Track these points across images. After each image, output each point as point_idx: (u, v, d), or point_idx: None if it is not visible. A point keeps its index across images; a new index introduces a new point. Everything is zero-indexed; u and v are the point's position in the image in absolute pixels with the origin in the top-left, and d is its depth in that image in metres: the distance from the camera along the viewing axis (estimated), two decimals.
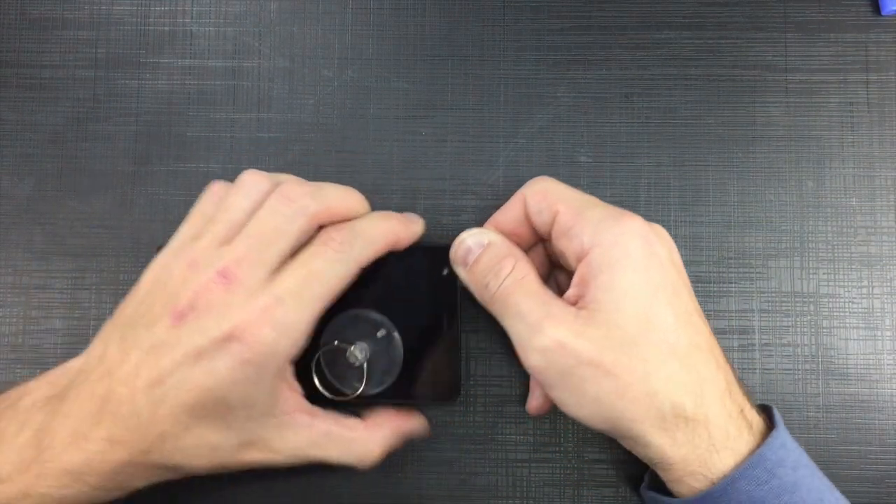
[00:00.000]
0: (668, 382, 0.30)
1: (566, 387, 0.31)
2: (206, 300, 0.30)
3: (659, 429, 0.30)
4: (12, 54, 0.40)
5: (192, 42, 0.40)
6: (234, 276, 0.31)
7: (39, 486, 0.29)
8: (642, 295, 0.30)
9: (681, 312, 0.31)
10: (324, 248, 0.32)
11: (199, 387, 0.30)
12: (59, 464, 0.29)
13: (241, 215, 0.32)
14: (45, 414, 0.30)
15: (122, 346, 0.31)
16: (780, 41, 0.39)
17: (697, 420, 0.30)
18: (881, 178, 0.38)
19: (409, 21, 0.40)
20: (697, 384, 0.30)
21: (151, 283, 0.32)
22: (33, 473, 0.29)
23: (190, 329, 0.30)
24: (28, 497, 0.29)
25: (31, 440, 0.30)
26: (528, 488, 0.37)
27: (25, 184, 0.39)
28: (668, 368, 0.30)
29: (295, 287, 0.31)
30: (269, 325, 0.30)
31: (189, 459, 0.31)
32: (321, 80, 0.40)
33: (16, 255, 0.39)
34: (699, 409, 0.30)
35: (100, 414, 0.30)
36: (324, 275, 0.32)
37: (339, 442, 0.33)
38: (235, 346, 0.30)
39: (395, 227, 0.34)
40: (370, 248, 0.33)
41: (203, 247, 0.32)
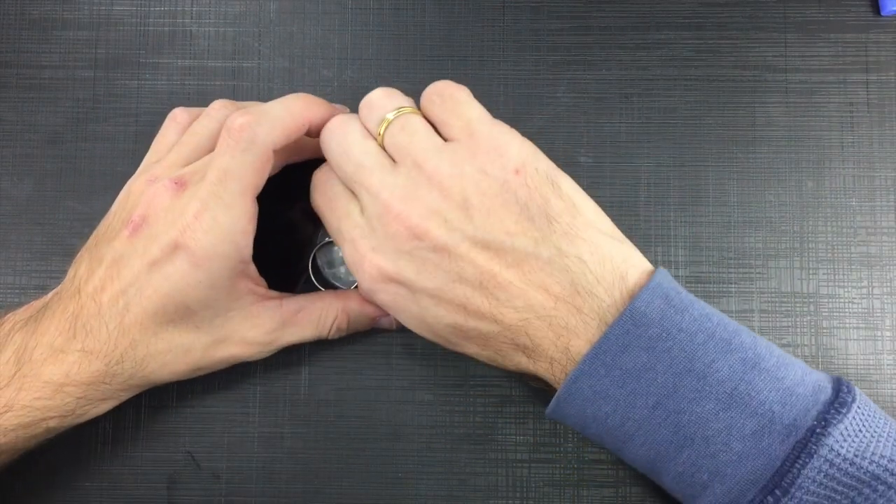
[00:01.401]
0: (476, 323, 0.30)
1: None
2: (155, 208, 0.31)
3: (509, 347, 0.31)
4: (12, 54, 0.40)
5: (192, 42, 0.40)
6: (185, 182, 0.32)
7: (22, 398, 0.31)
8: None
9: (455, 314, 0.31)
10: (227, 141, 0.31)
11: (158, 293, 0.31)
12: (39, 376, 0.31)
13: (204, 140, 0.34)
14: (23, 334, 0.32)
15: (90, 264, 0.32)
16: (780, 41, 0.39)
17: (532, 352, 0.30)
18: (881, 178, 0.38)
19: (409, 21, 0.40)
20: (522, 319, 0.30)
21: (116, 205, 0.34)
22: (15, 387, 0.31)
23: (144, 239, 0.31)
24: (11, 409, 0.31)
25: (11, 358, 0.31)
26: (527, 488, 0.37)
27: (25, 184, 0.39)
28: (473, 304, 0.30)
29: (212, 190, 0.31)
30: (201, 231, 0.31)
31: (164, 365, 0.33)
32: (321, 80, 0.40)
33: (16, 255, 0.39)
34: (522, 340, 0.30)
35: (73, 329, 0.31)
36: (233, 171, 0.31)
37: (309, 316, 0.35)
38: (182, 253, 0.31)
39: (307, 106, 0.33)
40: (277, 130, 0.32)
41: (165, 166, 0.33)
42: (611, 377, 0.29)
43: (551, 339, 0.30)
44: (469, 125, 0.31)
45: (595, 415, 0.30)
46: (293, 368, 0.38)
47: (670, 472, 0.29)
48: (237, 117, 0.32)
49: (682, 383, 0.28)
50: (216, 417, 0.38)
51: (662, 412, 0.28)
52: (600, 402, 0.29)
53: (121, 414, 0.37)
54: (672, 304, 0.29)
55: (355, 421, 0.38)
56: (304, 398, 0.38)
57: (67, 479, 0.37)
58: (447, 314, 0.31)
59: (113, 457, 0.38)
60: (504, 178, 0.30)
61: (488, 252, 0.30)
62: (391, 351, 0.38)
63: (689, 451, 0.28)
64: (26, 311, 0.34)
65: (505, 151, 0.31)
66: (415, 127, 0.31)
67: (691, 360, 0.28)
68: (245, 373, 0.37)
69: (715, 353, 0.28)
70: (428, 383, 0.38)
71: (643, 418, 0.29)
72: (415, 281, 0.30)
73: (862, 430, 0.27)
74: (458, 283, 0.30)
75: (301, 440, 0.38)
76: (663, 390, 0.28)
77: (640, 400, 0.29)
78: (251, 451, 0.38)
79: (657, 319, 0.29)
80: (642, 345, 0.28)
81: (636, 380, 0.28)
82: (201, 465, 0.37)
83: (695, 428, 0.28)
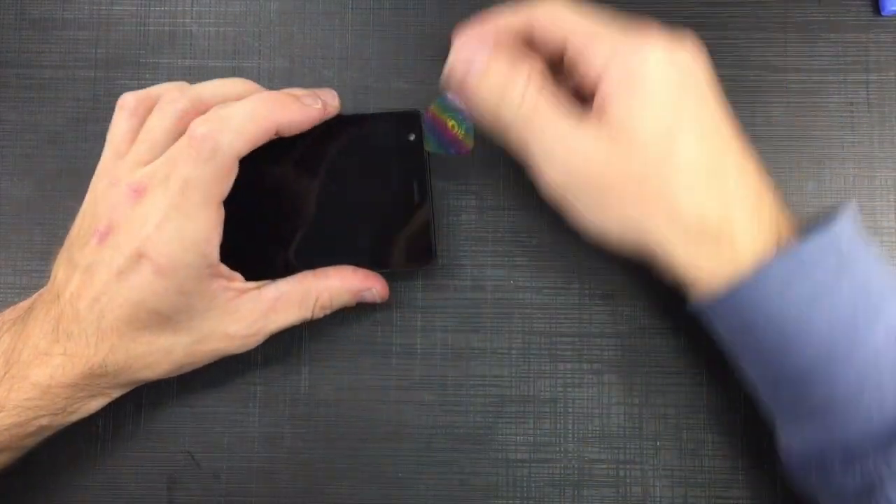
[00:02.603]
0: (691, 198, 0.30)
1: (590, 204, 0.31)
2: (118, 217, 0.31)
3: (683, 244, 0.30)
4: (12, 54, 0.40)
5: (192, 42, 0.40)
6: (144, 189, 0.31)
7: (13, 398, 0.31)
8: (665, 113, 0.30)
9: (706, 127, 0.30)
10: (188, 150, 0.31)
11: (128, 301, 0.31)
12: (27, 379, 0.31)
13: (162, 137, 0.33)
14: (10, 336, 0.33)
15: (67, 268, 0.32)
16: (781, 41, 0.39)
17: (722, 233, 0.30)
18: (881, 178, 0.38)
19: (409, 21, 0.40)
20: (722, 198, 0.30)
21: (86, 204, 0.34)
22: (5, 388, 0.31)
23: (110, 248, 0.31)
24: (3, 409, 0.31)
25: (0, 359, 0.32)
26: (528, 488, 0.37)
27: (25, 184, 0.39)
28: (692, 184, 0.30)
29: (173, 201, 0.31)
30: (163, 241, 0.31)
31: (148, 365, 0.33)
32: (321, 80, 0.40)
33: (16, 255, 0.39)
34: (724, 224, 0.30)
35: (55, 332, 0.32)
36: (195, 180, 0.31)
37: (290, 300, 0.34)
38: (145, 263, 0.31)
39: (273, 110, 0.32)
40: (241, 139, 0.31)
41: (126, 168, 0.33)
42: (801, 282, 0.29)
43: (749, 222, 0.30)
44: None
45: (770, 315, 0.29)
46: (293, 368, 0.38)
47: (827, 386, 0.29)
48: (199, 125, 0.31)
49: (860, 307, 0.29)
50: (216, 417, 0.38)
51: (841, 328, 0.29)
52: (784, 304, 0.29)
53: (120, 414, 0.37)
54: (854, 239, 0.30)
55: (355, 421, 0.38)
56: (304, 398, 0.38)
57: (67, 479, 0.37)
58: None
59: (113, 457, 0.38)
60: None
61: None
62: (391, 351, 0.38)
63: (857, 370, 0.29)
64: (13, 311, 0.34)
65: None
66: None
67: (868, 292, 0.29)
68: (245, 373, 0.37)
69: (885, 293, 0.29)
70: (428, 383, 0.38)
71: (820, 330, 0.29)
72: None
73: None
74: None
75: (301, 440, 0.38)
76: (844, 310, 0.29)
77: (822, 312, 0.29)
78: (251, 451, 0.37)
79: (847, 243, 0.29)
80: (834, 262, 0.29)
81: (825, 292, 0.29)
82: (201, 465, 0.37)
83: (867, 351, 0.29)
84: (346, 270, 0.35)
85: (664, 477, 0.37)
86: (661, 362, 0.37)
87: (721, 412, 0.37)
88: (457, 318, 0.38)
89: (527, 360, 0.38)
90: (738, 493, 0.37)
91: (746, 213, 0.30)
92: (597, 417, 0.37)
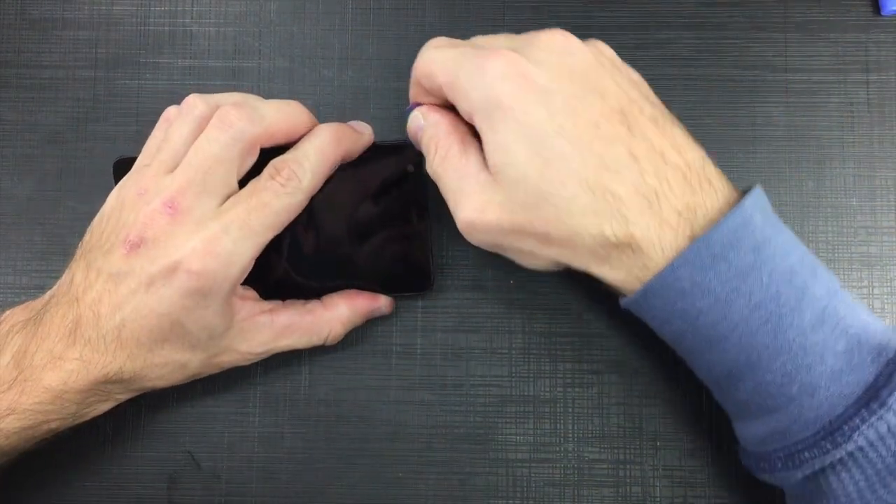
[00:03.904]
0: (583, 219, 0.28)
1: (504, 251, 0.32)
2: (154, 231, 0.31)
3: (594, 260, 0.30)
4: (12, 54, 0.40)
5: (192, 42, 0.40)
6: (179, 205, 0.31)
7: (23, 402, 0.31)
8: (528, 139, 0.29)
9: (580, 132, 0.28)
10: (272, 183, 0.32)
11: (154, 312, 0.31)
12: (39, 382, 0.31)
13: (182, 144, 0.33)
14: (22, 337, 0.32)
15: (87, 273, 0.32)
16: (780, 41, 0.39)
17: (622, 243, 0.29)
18: (881, 178, 0.38)
19: (409, 21, 0.40)
20: (612, 208, 0.28)
21: (110, 210, 0.33)
22: (16, 391, 0.31)
23: (141, 259, 0.31)
24: (14, 413, 0.31)
25: (11, 361, 0.32)
26: (528, 488, 0.37)
27: (25, 184, 0.39)
28: (579, 203, 0.28)
29: (242, 217, 0.32)
30: (211, 255, 0.31)
31: (161, 376, 0.33)
32: (321, 80, 0.40)
33: (16, 255, 0.39)
34: (622, 233, 0.28)
35: (72, 336, 0.31)
36: (272, 207, 0.32)
37: (301, 329, 0.36)
38: (182, 276, 0.31)
39: (344, 147, 0.34)
40: (319, 177, 0.34)
41: (151, 175, 0.33)
42: (715, 270, 0.27)
43: (650, 220, 0.28)
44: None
45: (686, 310, 0.28)
46: (293, 368, 0.38)
47: (755, 380, 0.28)
48: (282, 166, 0.33)
49: (783, 290, 0.28)
50: (216, 417, 0.38)
51: (764, 314, 0.28)
52: (697, 296, 0.28)
53: (121, 414, 0.37)
54: (769, 221, 0.29)
55: (355, 421, 0.38)
56: (304, 398, 0.38)
57: (67, 479, 0.37)
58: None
59: (113, 457, 0.38)
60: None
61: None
62: (391, 351, 0.38)
63: (784, 359, 0.28)
64: (25, 311, 0.34)
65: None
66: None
67: (790, 272, 0.28)
68: (245, 373, 0.37)
69: (806, 274, 0.28)
70: (428, 383, 0.38)
71: (742, 318, 0.28)
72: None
73: None
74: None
75: (301, 440, 0.38)
76: (767, 293, 0.28)
77: (741, 299, 0.28)
78: (251, 451, 0.38)
79: (760, 227, 0.28)
80: (750, 245, 0.28)
81: (741, 277, 0.27)
82: (201, 465, 0.37)
83: (794, 334, 0.28)
84: (352, 296, 0.36)
85: (664, 477, 0.37)
86: (661, 363, 0.37)
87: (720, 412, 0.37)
88: (457, 318, 0.38)
89: (527, 360, 0.38)
90: (738, 493, 0.37)
91: (645, 213, 0.28)
92: (597, 417, 0.37)
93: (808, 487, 0.29)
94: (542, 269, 0.32)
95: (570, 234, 0.29)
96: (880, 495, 0.27)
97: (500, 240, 0.31)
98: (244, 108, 0.33)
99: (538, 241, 0.30)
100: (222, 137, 0.32)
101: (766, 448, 0.30)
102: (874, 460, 0.27)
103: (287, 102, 0.34)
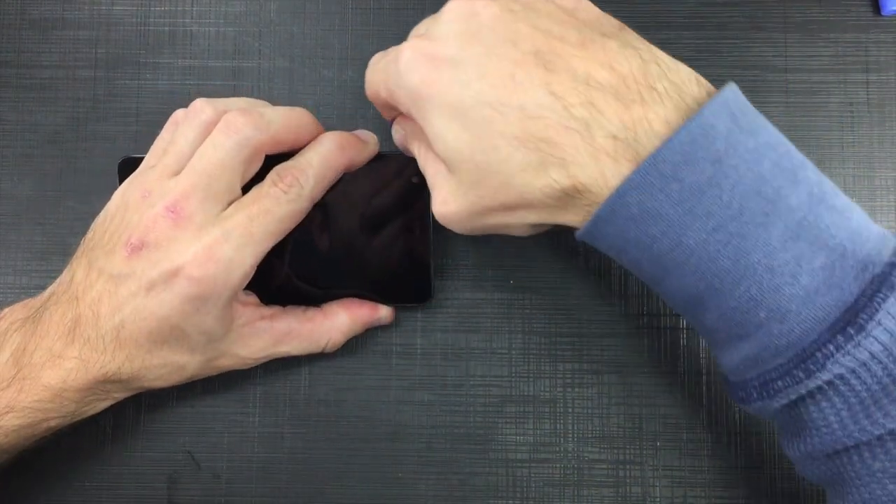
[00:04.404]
0: (524, 175, 0.27)
1: (487, 231, 0.31)
2: (156, 235, 0.31)
3: (557, 211, 0.28)
4: (12, 54, 0.40)
5: (192, 42, 0.40)
6: (182, 210, 0.32)
7: (22, 400, 0.31)
8: (453, 117, 0.28)
9: (497, 90, 0.27)
10: (274, 189, 0.32)
11: (154, 315, 0.31)
12: (38, 380, 0.31)
13: (187, 147, 0.33)
14: (21, 335, 0.32)
15: (88, 272, 0.32)
16: (780, 41, 0.39)
17: (570, 186, 0.27)
18: (881, 178, 0.38)
19: (409, 21, 0.40)
20: (548, 154, 0.26)
21: (114, 209, 0.33)
22: (15, 388, 0.31)
23: (142, 262, 0.31)
24: (13, 410, 0.31)
25: (10, 359, 0.32)
26: (528, 488, 0.37)
27: (25, 184, 0.39)
28: (515, 161, 0.27)
29: (244, 223, 0.32)
30: (212, 262, 0.31)
31: (159, 376, 0.33)
32: (321, 81, 0.40)
33: (16, 255, 0.39)
34: (563, 176, 0.27)
35: (71, 335, 0.31)
36: (274, 213, 0.32)
37: (300, 336, 0.36)
38: (183, 282, 0.31)
39: (349, 155, 0.35)
40: (322, 184, 0.34)
41: (155, 178, 0.33)
42: (666, 192, 0.25)
43: (589, 158, 0.26)
44: None
45: (638, 238, 0.26)
46: (293, 368, 0.38)
47: (719, 308, 0.26)
48: (286, 173, 0.33)
49: (748, 205, 0.25)
50: (216, 417, 0.38)
51: (723, 236, 0.25)
52: (649, 223, 0.26)
53: (121, 414, 0.37)
54: (738, 124, 0.25)
55: (355, 421, 0.38)
56: (304, 398, 0.38)
57: (67, 479, 0.37)
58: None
59: (113, 457, 0.38)
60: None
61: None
62: (391, 351, 0.38)
63: (748, 283, 0.25)
64: (24, 308, 0.34)
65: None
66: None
67: (759, 181, 0.25)
68: (245, 373, 0.37)
69: (782, 181, 0.25)
70: (428, 383, 0.38)
71: (699, 243, 0.25)
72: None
73: None
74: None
75: (301, 440, 0.38)
76: (727, 211, 0.25)
77: (697, 222, 0.25)
78: (251, 451, 0.38)
79: (723, 134, 0.25)
80: (708, 157, 0.25)
81: (697, 197, 0.25)
82: (201, 465, 0.37)
83: (759, 256, 0.25)
84: (353, 305, 0.37)
85: (664, 477, 0.37)
86: (661, 362, 0.37)
87: (721, 412, 0.37)
88: (457, 318, 0.38)
89: (527, 360, 0.38)
90: (738, 493, 0.37)
91: (579, 149, 0.26)
92: (597, 417, 0.37)
93: (789, 417, 0.27)
94: (531, 234, 0.31)
95: (521, 194, 0.28)
96: (863, 426, 0.25)
97: (472, 223, 0.31)
98: (251, 114, 0.33)
99: (503, 212, 0.29)
100: (228, 143, 0.32)
101: (742, 377, 0.28)
102: (857, 388, 0.25)
103: (293, 109, 0.34)
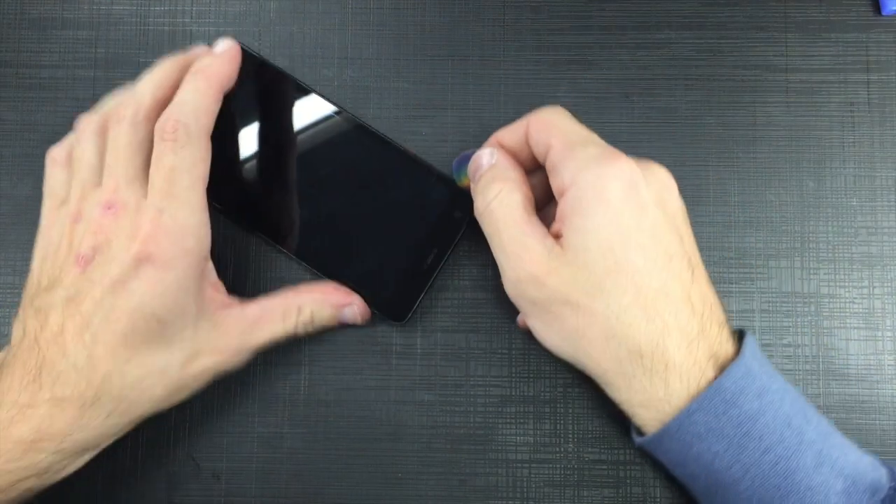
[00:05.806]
0: (627, 328, 0.30)
1: (537, 317, 0.33)
2: (105, 234, 0.32)
3: (616, 372, 0.31)
4: (12, 54, 0.40)
5: (192, 42, 0.40)
6: (117, 202, 0.32)
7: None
8: (613, 238, 0.31)
9: (657, 257, 0.31)
10: (164, 144, 0.32)
11: (125, 311, 0.31)
12: (8, 438, 0.29)
13: (94, 157, 0.34)
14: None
15: (38, 316, 0.31)
16: (781, 41, 0.39)
17: (655, 368, 0.30)
18: (882, 178, 0.38)
19: (409, 21, 0.40)
20: (659, 332, 0.30)
21: (41, 260, 0.33)
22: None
23: (99, 267, 0.31)
24: None
25: None
26: (528, 488, 0.37)
27: (25, 184, 0.39)
28: (630, 314, 0.30)
29: (164, 188, 0.32)
30: (162, 233, 0.31)
31: (142, 392, 0.32)
32: (321, 80, 0.40)
33: (16, 255, 0.39)
34: (657, 356, 0.30)
35: (37, 381, 0.30)
36: (178, 166, 0.32)
37: (272, 314, 0.35)
38: (146, 264, 0.31)
39: (216, 77, 0.35)
40: (204, 118, 0.34)
41: (77, 199, 0.33)
42: (728, 416, 0.30)
43: (685, 357, 0.30)
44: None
45: (701, 453, 0.30)
46: (293, 368, 0.38)
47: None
48: (164, 121, 0.33)
49: (785, 434, 0.30)
50: (216, 417, 0.38)
51: (773, 457, 0.29)
52: (712, 440, 0.30)
53: None
54: (763, 369, 0.31)
55: (355, 421, 0.38)
56: (304, 398, 0.38)
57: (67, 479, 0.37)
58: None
59: (113, 457, 0.37)
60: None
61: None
62: (391, 351, 0.38)
63: (794, 499, 0.29)
64: None
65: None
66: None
67: (789, 416, 0.30)
68: (245, 373, 0.37)
69: (800, 419, 0.30)
70: (428, 383, 0.38)
71: (753, 462, 0.30)
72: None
73: None
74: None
75: (301, 440, 0.38)
76: (773, 437, 0.30)
77: (752, 443, 0.30)
78: (251, 451, 0.37)
79: (758, 374, 0.30)
80: (755, 391, 0.30)
81: (752, 422, 0.30)
82: (201, 465, 0.37)
83: (801, 476, 0.29)
84: (327, 286, 0.36)
85: (664, 477, 0.37)
86: None
87: None
88: (457, 318, 0.38)
89: (527, 360, 0.38)
90: None
91: (683, 344, 0.30)
92: (597, 418, 0.37)
93: None
94: (554, 348, 0.33)
95: (608, 334, 0.31)
96: None
97: (544, 303, 0.32)
98: (124, 97, 0.34)
99: (578, 325, 0.31)
100: (122, 129, 0.33)
101: None
102: None
103: (156, 67, 0.35)
